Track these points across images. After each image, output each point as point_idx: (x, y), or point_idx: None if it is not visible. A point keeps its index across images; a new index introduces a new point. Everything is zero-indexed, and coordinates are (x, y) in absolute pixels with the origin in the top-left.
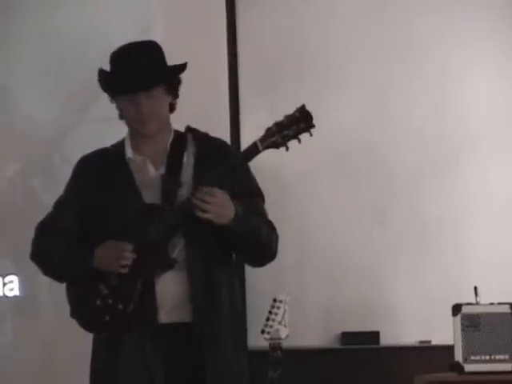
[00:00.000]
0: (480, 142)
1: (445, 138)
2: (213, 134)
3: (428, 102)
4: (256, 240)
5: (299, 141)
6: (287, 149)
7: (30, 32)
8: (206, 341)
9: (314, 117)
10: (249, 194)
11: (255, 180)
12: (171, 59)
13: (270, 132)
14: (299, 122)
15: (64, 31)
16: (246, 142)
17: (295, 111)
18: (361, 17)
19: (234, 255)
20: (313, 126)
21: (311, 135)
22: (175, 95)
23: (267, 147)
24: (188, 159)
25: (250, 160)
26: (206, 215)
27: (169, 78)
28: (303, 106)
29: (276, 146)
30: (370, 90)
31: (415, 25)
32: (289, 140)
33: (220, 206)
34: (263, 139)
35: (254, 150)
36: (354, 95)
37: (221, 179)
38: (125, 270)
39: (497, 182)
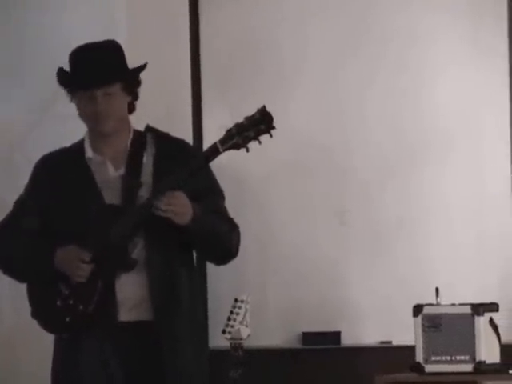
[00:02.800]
0: (439, 142)
1: (404, 139)
2: (175, 133)
3: (387, 102)
4: (215, 239)
5: (259, 142)
6: (247, 150)
7: None
8: (166, 340)
9: (274, 115)
10: (209, 192)
11: (215, 178)
12: (134, 58)
13: (230, 133)
14: (259, 124)
15: (26, 30)
16: (208, 142)
17: (256, 112)
18: (335, 11)
19: (194, 255)
20: (273, 128)
21: (271, 136)
22: (135, 96)
23: (228, 148)
24: (148, 159)
25: (210, 161)
26: (166, 215)
27: (126, 76)
28: (264, 108)
29: (236, 147)
30: (331, 88)
31: (378, 20)
32: (249, 141)
33: (179, 207)
34: (223, 140)
35: (214, 151)
36: (314, 94)
37: (181, 181)
38: (81, 279)
39: (456, 182)
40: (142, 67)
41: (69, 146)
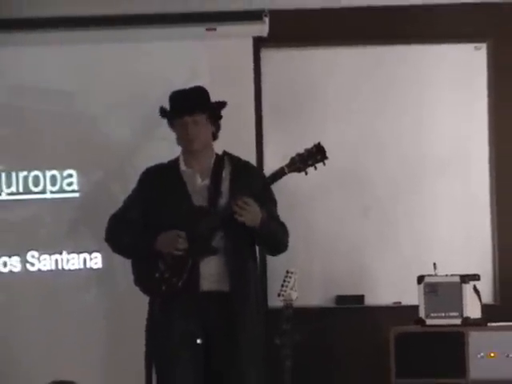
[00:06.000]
0: (435, 163)
1: (409, 160)
2: (242, 157)
3: (396, 135)
4: (274, 240)
5: (315, 168)
6: (306, 173)
7: (110, 73)
8: (239, 305)
9: (313, 144)
10: (268, 201)
11: (272, 190)
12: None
13: (294, 160)
14: (316, 155)
15: (134, 73)
16: (267, 165)
17: (313, 146)
18: (358, 71)
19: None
20: (326, 158)
21: (324, 165)
22: (217, 127)
23: (292, 171)
24: (225, 175)
25: (277, 180)
26: (242, 218)
27: (209, 109)
28: (319, 143)
29: (298, 170)
30: (355, 126)
31: (399, 79)
32: (308, 167)
33: (252, 213)
34: (289, 165)
35: (281, 172)
36: (343, 130)
37: (254, 193)
38: (178, 253)
39: (448, 190)
40: (223, 105)
41: (166, 162)
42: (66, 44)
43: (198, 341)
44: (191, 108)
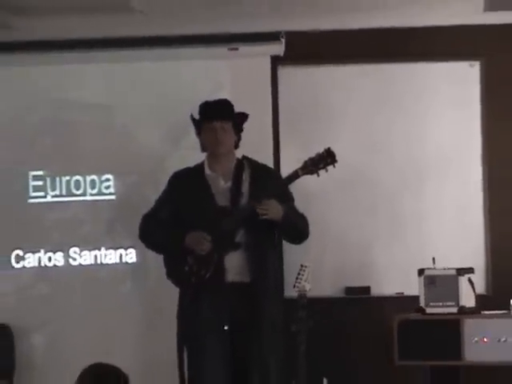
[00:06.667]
0: (437, 166)
1: (414, 163)
2: (262, 161)
3: (403, 137)
4: (295, 230)
5: (326, 170)
6: (318, 175)
7: (143, 89)
8: (258, 295)
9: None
10: (285, 198)
11: (289, 189)
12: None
13: (306, 164)
14: (327, 159)
15: (164, 89)
16: (284, 168)
17: (323, 151)
18: (367, 86)
19: (275, 238)
20: (336, 161)
21: (334, 167)
22: (239, 137)
23: (305, 174)
24: (245, 177)
25: (291, 182)
26: (266, 216)
27: (234, 118)
28: (329, 148)
29: (311, 173)
30: (366, 131)
31: (404, 93)
32: (319, 170)
33: (274, 209)
34: (302, 168)
35: (295, 175)
36: (354, 135)
37: (274, 193)
38: (203, 252)
39: (448, 191)
40: (246, 117)
41: (193, 166)
42: (104, 62)
43: (225, 327)
44: (221, 114)
